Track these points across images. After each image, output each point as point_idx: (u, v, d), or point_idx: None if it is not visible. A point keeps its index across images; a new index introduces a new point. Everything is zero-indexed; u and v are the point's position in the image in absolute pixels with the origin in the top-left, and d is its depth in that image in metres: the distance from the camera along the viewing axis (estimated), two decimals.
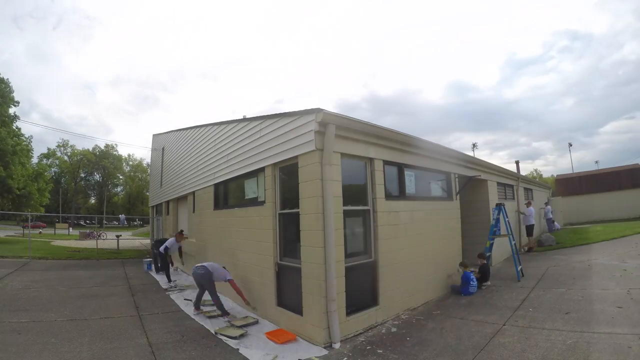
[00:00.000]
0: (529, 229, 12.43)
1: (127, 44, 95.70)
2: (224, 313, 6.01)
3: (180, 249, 9.74)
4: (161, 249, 9.33)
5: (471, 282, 6.79)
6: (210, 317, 5.93)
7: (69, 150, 59.94)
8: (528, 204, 12.86)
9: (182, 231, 10.01)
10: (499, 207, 8.52)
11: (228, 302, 6.60)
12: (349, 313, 4.84)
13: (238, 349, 4.52)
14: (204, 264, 6.40)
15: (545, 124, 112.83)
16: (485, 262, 7.68)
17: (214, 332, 5.14)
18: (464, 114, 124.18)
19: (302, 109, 4.79)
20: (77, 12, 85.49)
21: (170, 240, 9.46)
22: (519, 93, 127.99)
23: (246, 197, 6.89)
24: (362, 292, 5.21)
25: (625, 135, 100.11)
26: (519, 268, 7.77)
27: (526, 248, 12.41)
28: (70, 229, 35.51)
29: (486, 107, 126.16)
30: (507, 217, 8.59)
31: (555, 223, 16.48)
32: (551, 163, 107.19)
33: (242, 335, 4.93)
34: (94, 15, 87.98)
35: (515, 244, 8.44)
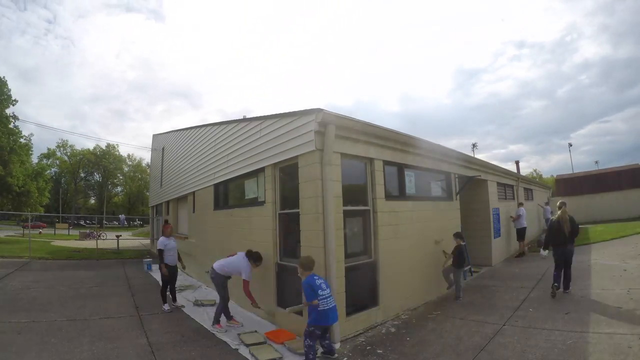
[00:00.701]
0: (520, 232, 11.05)
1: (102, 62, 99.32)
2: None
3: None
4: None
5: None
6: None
7: (68, 150, 59.96)
8: (519, 205, 11.62)
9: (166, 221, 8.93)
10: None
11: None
12: (348, 313, 4.84)
13: (237, 349, 4.52)
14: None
15: (516, 128, 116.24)
16: (462, 243, 6.64)
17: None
18: (425, 121, 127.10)
19: (302, 109, 4.79)
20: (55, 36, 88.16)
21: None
22: (480, 99, 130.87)
23: (246, 197, 6.89)
24: (362, 292, 5.21)
25: (605, 137, 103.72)
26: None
27: (526, 248, 11.24)
28: (70, 229, 35.50)
29: (446, 113, 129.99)
30: None
31: None
32: (534, 165, 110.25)
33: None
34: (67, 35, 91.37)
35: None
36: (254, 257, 5.41)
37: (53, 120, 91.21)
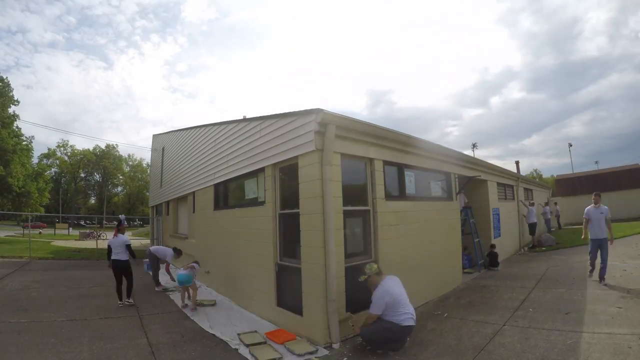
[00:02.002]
0: (532, 227, 13.16)
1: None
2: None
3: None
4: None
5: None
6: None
7: (69, 150, 59.98)
8: (531, 204, 13.50)
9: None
10: (466, 209, 9.02)
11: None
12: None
13: (237, 349, 4.52)
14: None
15: (462, 136, 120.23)
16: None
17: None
18: None
19: (302, 109, 4.79)
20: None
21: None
22: (407, 114, 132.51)
23: (246, 198, 6.88)
24: (362, 292, 5.18)
25: (567, 142, 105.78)
26: (480, 262, 9.15)
27: (526, 248, 12.54)
28: (70, 229, 35.45)
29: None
30: (473, 219, 9.27)
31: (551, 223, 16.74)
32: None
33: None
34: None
35: (479, 241, 9.37)
36: (177, 252, 8.66)
37: (44, 132, 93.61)
